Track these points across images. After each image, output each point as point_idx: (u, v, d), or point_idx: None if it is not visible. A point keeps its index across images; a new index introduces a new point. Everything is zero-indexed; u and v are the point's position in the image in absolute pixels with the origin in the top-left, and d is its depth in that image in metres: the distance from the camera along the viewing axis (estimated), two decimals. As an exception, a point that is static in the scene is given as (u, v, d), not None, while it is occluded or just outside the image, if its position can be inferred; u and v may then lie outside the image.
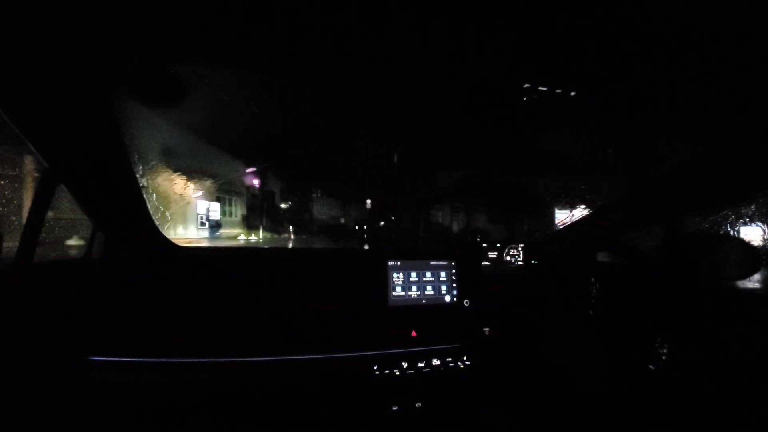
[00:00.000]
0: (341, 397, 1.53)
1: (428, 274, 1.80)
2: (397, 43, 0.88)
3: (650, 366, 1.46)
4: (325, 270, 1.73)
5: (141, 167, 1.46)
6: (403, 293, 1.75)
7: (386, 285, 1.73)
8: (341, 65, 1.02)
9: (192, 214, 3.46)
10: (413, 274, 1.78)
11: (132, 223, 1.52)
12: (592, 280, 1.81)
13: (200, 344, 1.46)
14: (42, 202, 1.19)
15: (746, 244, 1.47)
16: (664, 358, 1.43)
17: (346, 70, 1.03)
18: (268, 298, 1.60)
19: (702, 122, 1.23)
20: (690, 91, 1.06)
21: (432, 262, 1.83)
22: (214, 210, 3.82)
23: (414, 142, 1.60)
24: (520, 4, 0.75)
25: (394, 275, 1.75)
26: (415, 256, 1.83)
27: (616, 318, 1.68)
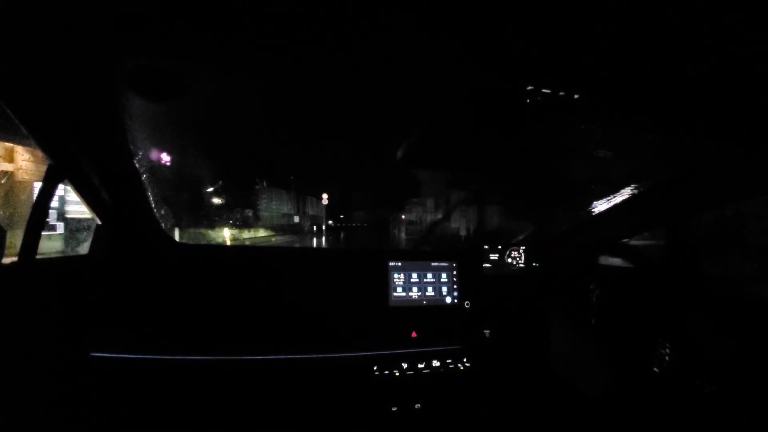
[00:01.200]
0: (341, 397, 1.53)
1: (429, 275, 1.80)
2: (398, 43, 0.88)
3: (654, 369, 1.46)
4: (326, 270, 1.73)
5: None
6: (403, 294, 1.75)
7: (387, 285, 1.73)
8: (340, 64, 1.02)
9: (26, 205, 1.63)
10: (414, 275, 1.78)
11: (135, 220, 1.52)
12: (592, 287, 1.80)
13: (201, 342, 1.47)
14: (46, 198, 1.20)
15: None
16: (667, 358, 1.43)
17: (346, 69, 1.03)
18: (269, 298, 1.60)
19: (706, 125, 1.23)
20: (694, 93, 1.06)
21: (433, 263, 1.83)
22: (73, 202, 1.67)
23: (412, 142, 1.59)
24: (524, 6, 0.75)
25: (395, 276, 1.75)
26: (416, 257, 1.83)
27: (617, 321, 1.68)
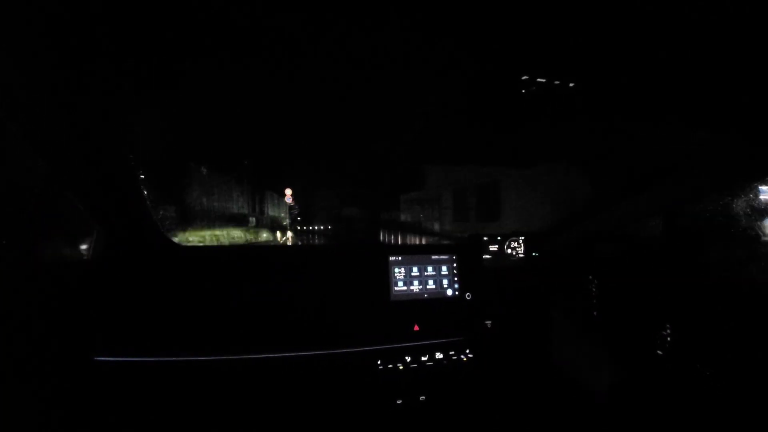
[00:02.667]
0: (346, 392, 1.55)
1: (430, 268, 1.81)
2: (390, 36, 0.88)
3: (658, 351, 1.47)
4: (326, 266, 1.73)
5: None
6: (405, 288, 1.75)
7: (388, 280, 1.74)
8: (336, 60, 1.01)
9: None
10: (415, 269, 1.79)
11: (134, 224, 1.52)
12: (590, 277, 1.81)
13: (204, 343, 1.47)
14: (43, 203, 1.19)
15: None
16: (669, 339, 1.44)
17: (339, 63, 1.02)
18: (271, 296, 1.61)
19: (702, 112, 1.23)
20: (690, 81, 1.06)
21: (433, 256, 1.83)
22: None
23: (408, 137, 1.57)
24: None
25: (396, 270, 1.76)
26: (417, 251, 1.84)
27: (619, 312, 1.69)
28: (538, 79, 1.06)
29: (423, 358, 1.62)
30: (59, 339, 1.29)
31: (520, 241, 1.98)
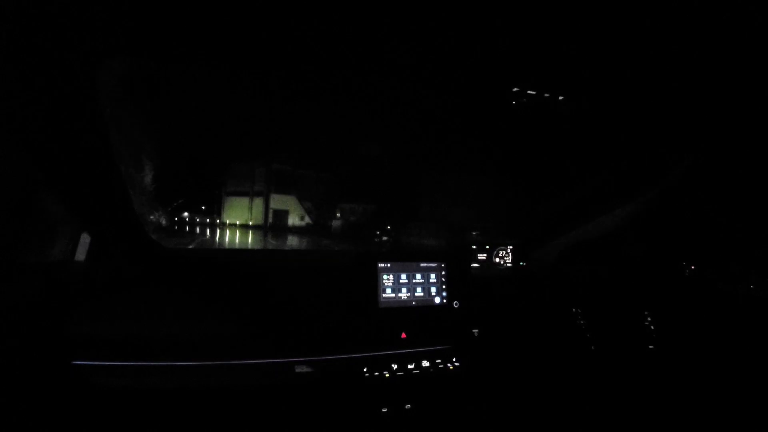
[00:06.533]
0: (331, 399, 1.53)
1: (418, 276, 1.81)
2: (385, 46, 0.88)
3: (650, 346, 1.49)
4: (314, 272, 1.72)
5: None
6: (393, 295, 1.74)
7: (376, 287, 1.73)
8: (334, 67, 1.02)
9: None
10: (403, 276, 1.78)
11: (118, 224, 1.49)
12: (574, 310, 1.83)
13: (188, 347, 1.44)
14: (25, 202, 1.16)
15: None
16: (654, 329, 1.46)
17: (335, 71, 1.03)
18: (257, 301, 1.58)
19: (689, 126, 1.27)
20: (676, 95, 1.09)
21: (422, 264, 1.83)
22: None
23: (401, 143, 1.59)
24: (511, 8, 0.76)
25: (384, 277, 1.75)
26: (406, 258, 1.83)
27: (604, 316, 1.71)
28: (529, 92, 1.08)
29: (410, 366, 1.61)
30: (35, 342, 1.25)
31: (508, 251, 1.99)
